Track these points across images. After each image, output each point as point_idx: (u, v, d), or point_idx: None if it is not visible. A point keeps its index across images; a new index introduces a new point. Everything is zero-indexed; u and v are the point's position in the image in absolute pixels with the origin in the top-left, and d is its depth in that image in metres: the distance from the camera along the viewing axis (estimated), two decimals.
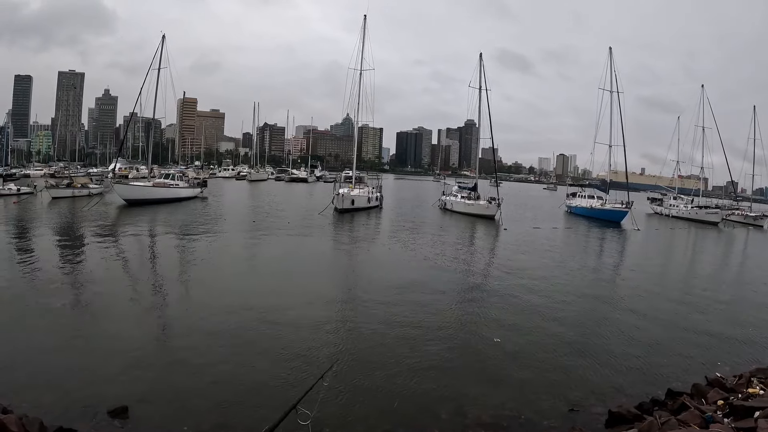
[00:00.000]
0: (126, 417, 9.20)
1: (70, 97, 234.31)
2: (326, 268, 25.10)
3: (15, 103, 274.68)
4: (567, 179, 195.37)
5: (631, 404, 10.21)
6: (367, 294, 19.41)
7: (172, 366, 11.63)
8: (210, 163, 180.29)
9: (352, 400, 10.38)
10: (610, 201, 62.29)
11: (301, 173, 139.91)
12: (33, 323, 14.00)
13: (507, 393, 11.09)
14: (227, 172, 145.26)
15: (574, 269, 27.42)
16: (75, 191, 54.08)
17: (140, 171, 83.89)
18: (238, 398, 10.20)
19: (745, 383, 10.76)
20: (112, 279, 19.72)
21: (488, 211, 51.71)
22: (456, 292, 20.54)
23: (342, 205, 49.04)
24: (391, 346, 13.67)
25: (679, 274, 29.84)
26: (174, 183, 60.05)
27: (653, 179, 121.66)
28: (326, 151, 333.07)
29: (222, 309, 16.09)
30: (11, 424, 7.87)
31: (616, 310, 18.90)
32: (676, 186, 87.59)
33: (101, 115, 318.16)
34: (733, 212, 71.66)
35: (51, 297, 16.71)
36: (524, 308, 18.17)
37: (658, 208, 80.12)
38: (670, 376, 12.11)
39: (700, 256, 39.78)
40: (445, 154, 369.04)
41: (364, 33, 57.00)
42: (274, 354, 12.62)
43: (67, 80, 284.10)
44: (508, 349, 13.87)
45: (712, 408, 9.46)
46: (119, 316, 15.07)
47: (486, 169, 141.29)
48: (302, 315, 15.92)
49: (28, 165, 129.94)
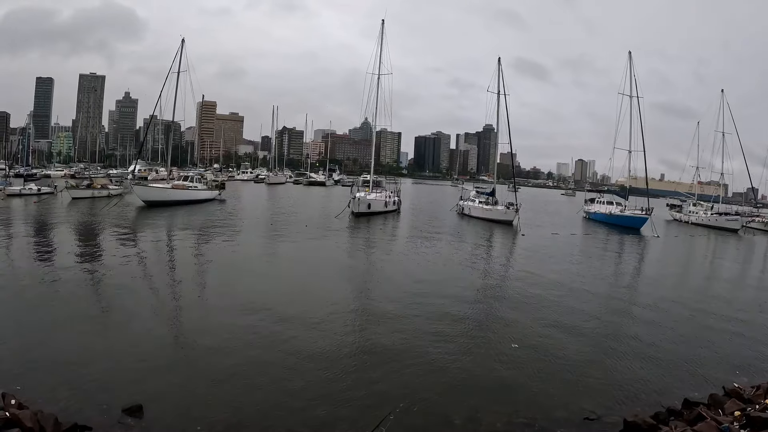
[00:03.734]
0: (140, 415, 9.27)
1: (91, 99, 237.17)
2: (342, 272, 25.07)
3: (36, 105, 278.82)
4: (585, 185, 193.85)
5: (646, 414, 10.08)
6: (382, 298, 19.42)
7: (187, 366, 11.72)
8: (229, 165, 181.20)
9: (359, 397, 10.38)
10: (629, 207, 61.60)
11: (319, 177, 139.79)
12: (51, 321, 14.18)
13: (521, 400, 11.01)
14: (245, 175, 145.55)
15: (592, 276, 27.18)
16: (95, 192, 54.74)
17: (159, 173, 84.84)
18: (253, 400, 10.24)
19: (763, 394, 10.57)
20: (130, 279, 19.90)
21: (506, 216, 51.40)
22: (473, 298, 20.49)
23: (358, 209, 48.97)
24: (406, 346, 13.68)
25: (699, 282, 29.41)
26: (192, 185, 60.48)
27: (672, 185, 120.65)
28: (344, 155, 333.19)
29: (239, 311, 16.19)
30: (27, 419, 7.97)
31: (635, 318, 18.68)
32: (696, 192, 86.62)
33: (121, 117, 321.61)
34: (753, 219, 70.46)
35: (70, 296, 16.97)
36: (541, 315, 18.02)
37: (678, 214, 79.05)
38: (688, 386, 11.93)
39: (720, 264, 39.15)
40: (463, 159, 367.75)
41: (381, 38, 57.21)
42: (290, 357, 12.64)
43: (88, 83, 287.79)
44: (525, 356, 13.77)
45: (728, 419, 9.32)
46: (136, 316, 15.20)
47: (504, 174, 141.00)
48: (318, 319, 15.92)
49: (48, 166, 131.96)
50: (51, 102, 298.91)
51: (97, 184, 57.72)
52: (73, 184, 56.52)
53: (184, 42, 57.78)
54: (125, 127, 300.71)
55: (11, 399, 8.86)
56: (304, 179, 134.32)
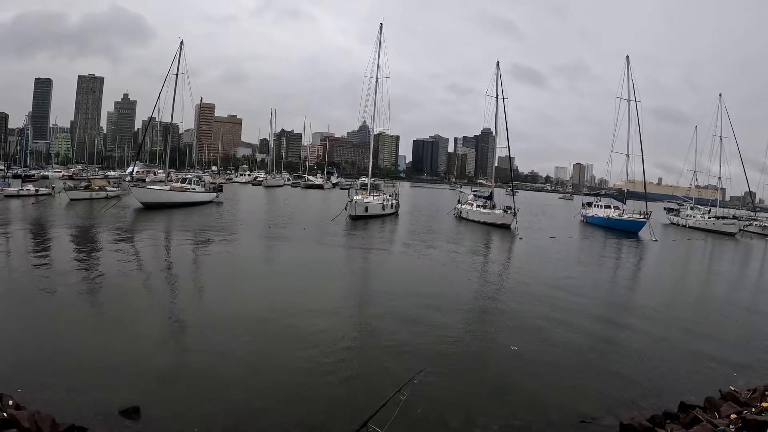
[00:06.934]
0: (137, 417, 9.27)
1: (90, 100, 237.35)
2: (338, 276, 25.09)
3: (35, 106, 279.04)
4: (583, 188, 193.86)
5: (642, 417, 10.09)
6: (379, 301, 19.42)
7: (184, 368, 11.72)
8: (227, 168, 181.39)
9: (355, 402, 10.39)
10: (627, 211, 61.70)
11: (317, 180, 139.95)
12: (48, 323, 14.18)
13: (518, 403, 11.02)
14: (243, 177, 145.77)
15: (591, 280, 27.27)
16: (93, 193, 54.77)
17: (157, 175, 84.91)
18: (249, 402, 10.24)
19: (759, 397, 10.60)
20: (127, 281, 19.90)
21: (504, 220, 51.41)
22: (471, 301, 20.52)
23: (355, 212, 49.00)
24: (404, 349, 13.67)
25: (696, 286, 29.50)
26: (190, 187, 60.52)
27: (670, 189, 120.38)
28: (342, 158, 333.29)
29: (236, 314, 16.19)
30: (24, 420, 7.98)
31: (632, 322, 18.63)
32: (693, 196, 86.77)
33: (120, 119, 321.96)
34: (750, 223, 70.81)
35: (67, 297, 16.95)
36: (539, 318, 17.99)
37: (675, 218, 79.25)
38: (684, 389, 11.93)
39: (718, 268, 39.21)
40: (461, 163, 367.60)
41: (380, 41, 57.38)
42: (287, 361, 12.63)
43: (86, 84, 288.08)
44: (522, 359, 13.78)
45: (724, 422, 9.35)
46: (133, 318, 15.19)
47: (502, 177, 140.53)
48: (315, 322, 15.91)
49: (46, 167, 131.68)
50: (49, 103, 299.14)
51: (95, 185, 57.71)
52: (71, 185, 56.43)
53: (183, 45, 57.74)
54: (123, 128, 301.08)
55: (8, 399, 8.86)
56: (302, 182, 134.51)
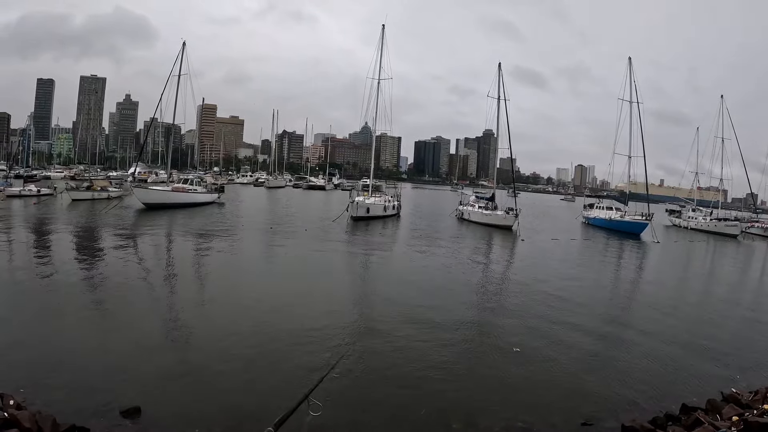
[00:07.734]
0: (138, 417, 9.27)
1: (92, 101, 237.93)
2: (339, 277, 25.19)
3: (37, 106, 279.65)
4: (585, 190, 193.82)
5: (644, 419, 10.07)
6: (379, 303, 19.49)
7: (186, 368, 11.69)
8: (228, 169, 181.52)
9: (361, 405, 10.39)
10: (629, 212, 61.61)
11: (319, 181, 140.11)
12: (49, 323, 14.20)
13: (520, 404, 10.99)
14: (245, 178, 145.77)
15: (593, 282, 27.24)
16: (95, 194, 54.86)
17: (159, 175, 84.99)
18: (251, 403, 10.23)
19: (761, 399, 10.57)
20: (129, 281, 19.87)
21: (506, 221, 51.43)
22: (474, 303, 20.48)
23: (357, 213, 48.98)
24: (404, 352, 13.65)
25: (698, 287, 29.42)
26: (192, 188, 60.50)
27: (672, 191, 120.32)
28: (344, 159, 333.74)
29: (237, 315, 16.22)
30: (25, 420, 7.98)
31: (634, 325, 18.59)
32: (695, 198, 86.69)
33: (122, 119, 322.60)
34: (752, 225, 70.68)
35: (69, 297, 16.96)
36: (540, 320, 17.94)
37: (677, 220, 79.07)
38: (686, 392, 11.93)
39: (720, 270, 39.14)
40: (463, 164, 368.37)
41: (381, 43, 57.45)
42: (287, 361, 12.61)
43: (88, 84, 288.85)
44: (524, 360, 13.77)
45: (726, 424, 9.32)
46: (135, 318, 15.21)
47: (504, 179, 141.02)
48: (315, 324, 15.86)
49: (48, 167, 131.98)
50: (52, 103, 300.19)
51: (96, 186, 57.78)
52: (73, 185, 56.48)
53: (185, 46, 57.76)
54: (125, 129, 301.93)
55: (10, 399, 8.86)
56: (304, 183, 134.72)
